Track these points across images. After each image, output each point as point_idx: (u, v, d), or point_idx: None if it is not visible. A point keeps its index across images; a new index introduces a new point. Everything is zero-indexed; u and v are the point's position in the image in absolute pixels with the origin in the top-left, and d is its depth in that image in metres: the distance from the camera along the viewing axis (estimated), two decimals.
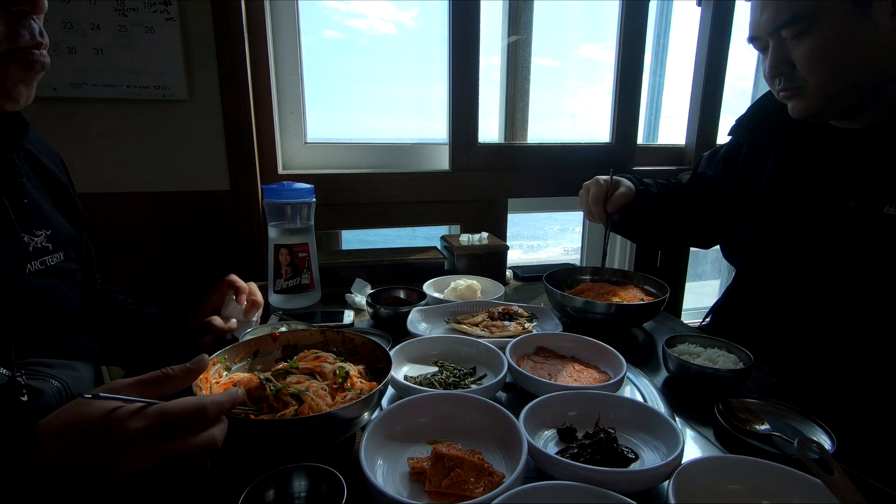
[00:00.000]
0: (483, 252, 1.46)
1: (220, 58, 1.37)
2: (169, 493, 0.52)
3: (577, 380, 0.84)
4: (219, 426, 0.54)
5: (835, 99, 0.92)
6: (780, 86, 0.97)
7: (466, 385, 0.82)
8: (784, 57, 0.93)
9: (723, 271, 2.57)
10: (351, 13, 2.01)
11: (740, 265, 1.22)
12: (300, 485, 0.58)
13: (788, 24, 0.89)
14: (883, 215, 0.88)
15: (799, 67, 0.91)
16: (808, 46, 0.88)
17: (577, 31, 2.12)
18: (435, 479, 0.59)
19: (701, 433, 0.76)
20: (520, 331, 1.01)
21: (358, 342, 0.84)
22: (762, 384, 0.87)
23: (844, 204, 0.94)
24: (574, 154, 1.84)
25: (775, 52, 0.93)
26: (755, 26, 0.95)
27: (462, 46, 1.60)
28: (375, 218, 1.69)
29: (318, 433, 0.63)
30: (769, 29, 0.92)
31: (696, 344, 0.94)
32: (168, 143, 1.39)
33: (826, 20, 0.86)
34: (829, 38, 0.87)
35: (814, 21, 0.87)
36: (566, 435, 0.69)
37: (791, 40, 0.90)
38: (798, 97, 0.95)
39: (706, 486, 0.58)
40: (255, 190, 1.47)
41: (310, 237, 1.24)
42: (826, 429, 0.72)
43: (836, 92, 0.91)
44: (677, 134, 2.06)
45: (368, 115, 2.09)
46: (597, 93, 2.14)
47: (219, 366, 0.76)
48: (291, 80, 1.60)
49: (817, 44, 0.87)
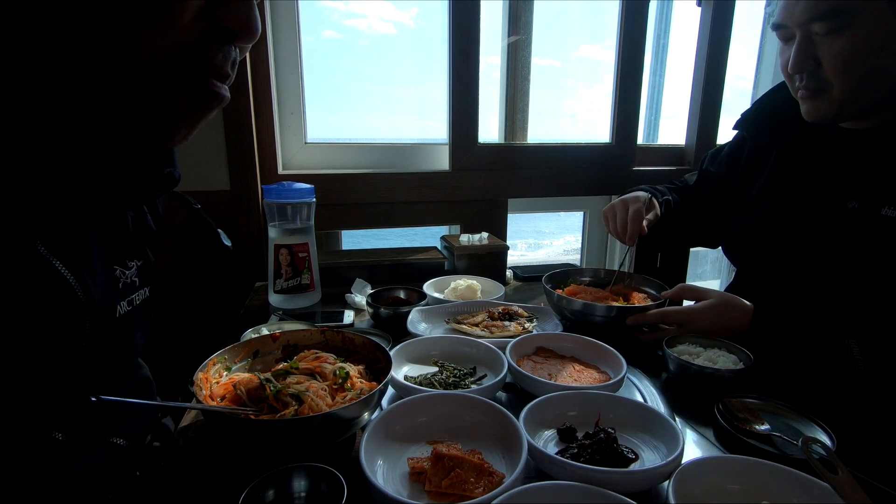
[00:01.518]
0: (483, 252, 1.46)
1: None
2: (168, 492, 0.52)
3: (577, 380, 0.84)
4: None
5: (852, 105, 0.89)
6: (800, 83, 0.91)
7: (466, 385, 0.82)
8: (811, 52, 0.87)
9: (723, 271, 2.57)
10: (350, 13, 2.01)
11: (739, 261, 1.22)
12: (300, 485, 0.58)
13: (825, 18, 0.82)
14: (882, 217, 0.88)
15: (825, 66, 0.86)
16: (840, 45, 0.83)
17: (577, 31, 2.12)
18: (435, 479, 0.59)
19: (701, 433, 0.76)
20: (520, 331, 1.01)
21: (358, 342, 0.84)
22: (762, 384, 0.87)
23: (843, 204, 0.94)
24: (574, 154, 1.84)
25: (802, 45, 0.87)
26: (787, 13, 0.88)
27: (462, 46, 1.60)
28: (375, 218, 1.69)
29: (318, 433, 0.63)
30: (802, 19, 0.85)
31: (696, 344, 0.94)
32: None
33: (865, 19, 0.81)
34: (864, 39, 0.81)
35: (851, 18, 0.81)
36: (566, 435, 0.69)
37: (822, 36, 0.84)
38: (817, 100, 0.91)
39: (706, 486, 0.58)
40: (255, 190, 1.47)
41: (310, 237, 1.24)
42: (826, 429, 0.72)
43: (857, 99, 0.88)
44: (677, 134, 2.06)
45: (368, 116, 2.10)
46: (597, 93, 2.14)
47: (219, 366, 0.76)
48: (291, 80, 1.60)
49: (850, 44, 0.82)
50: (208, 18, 0.45)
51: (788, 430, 0.73)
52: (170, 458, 0.67)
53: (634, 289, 1.21)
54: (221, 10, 0.45)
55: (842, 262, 0.94)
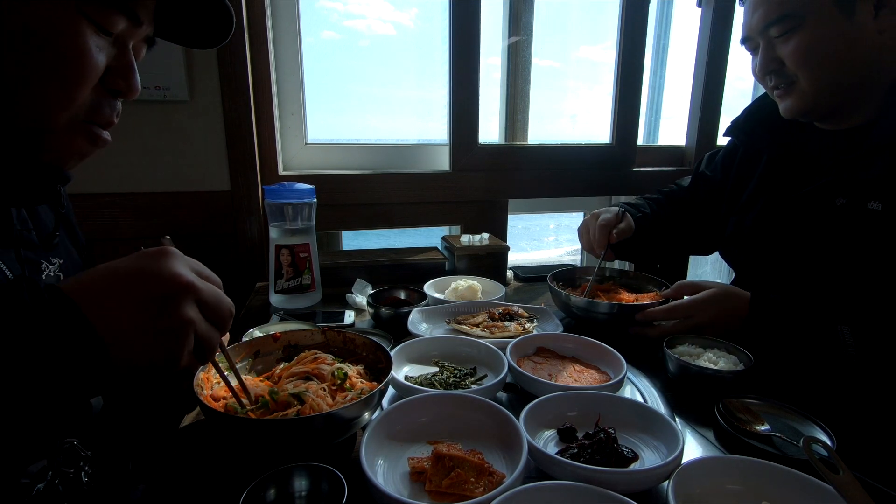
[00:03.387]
0: (483, 253, 1.46)
1: (221, 58, 1.37)
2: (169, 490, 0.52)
3: (578, 380, 0.84)
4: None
5: (823, 97, 0.95)
6: (772, 83, 1.00)
7: (467, 385, 0.82)
8: (773, 55, 0.96)
9: (723, 273, 2.57)
10: (349, 14, 2.02)
11: (736, 263, 1.24)
12: (301, 484, 0.58)
13: (777, 23, 0.92)
14: (869, 211, 0.91)
15: (788, 63, 0.94)
16: (794, 45, 0.92)
17: (577, 31, 2.13)
18: (435, 478, 0.59)
19: (701, 433, 0.76)
20: (520, 331, 1.01)
21: (359, 342, 0.84)
22: (762, 384, 0.87)
23: (832, 201, 0.97)
24: (574, 155, 1.84)
25: (765, 50, 0.97)
26: (747, 27, 0.99)
27: (462, 47, 1.60)
28: (376, 218, 1.69)
29: (319, 433, 0.63)
30: (759, 28, 0.95)
31: (697, 344, 0.94)
32: (168, 144, 1.40)
33: (812, 20, 0.89)
34: (815, 38, 0.90)
35: (800, 21, 0.90)
36: (566, 435, 0.69)
37: (779, 38, 0.93)
38: (791, 94, 0.98)
39: (706, 486, 0.58)
40: (255, 190, 1.47)
41: (311, 237, 1.25)
42: (826, 429, 0.72)
43: (825, 90, 0.94)
44: (677, 134, 2.06)
45: (369, 116, 2.10)
46: (597, 93, 2.14)
47: (220, 365, 0.76)
48: (292, 81, 1.60)
49: (803, 43, 0.91)
50: (101, 83, 0.57)
51: (788, 431, 0.73)
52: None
53: (625, 288, 1.23)
54: (115, 79, 0.59)
55: (834, 256, 0.97)
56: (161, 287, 0.47)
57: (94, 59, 0.54)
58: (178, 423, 0.77)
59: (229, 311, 0.55)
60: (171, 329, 0.48)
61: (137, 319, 0.46)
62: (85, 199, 1.36)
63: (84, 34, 0.53)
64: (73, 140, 0.59)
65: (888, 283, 0.89)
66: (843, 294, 0.95)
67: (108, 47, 0.57)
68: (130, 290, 0.47)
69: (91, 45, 0.53)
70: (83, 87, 0.55)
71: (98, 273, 0.48)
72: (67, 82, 0.54)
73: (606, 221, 1.22)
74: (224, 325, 0.55)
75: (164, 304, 0.47)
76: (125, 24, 0.57)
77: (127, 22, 0.57)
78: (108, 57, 0.57)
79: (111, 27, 0.55)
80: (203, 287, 0.51)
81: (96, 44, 0.54)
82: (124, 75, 0.59)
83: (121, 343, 0.45)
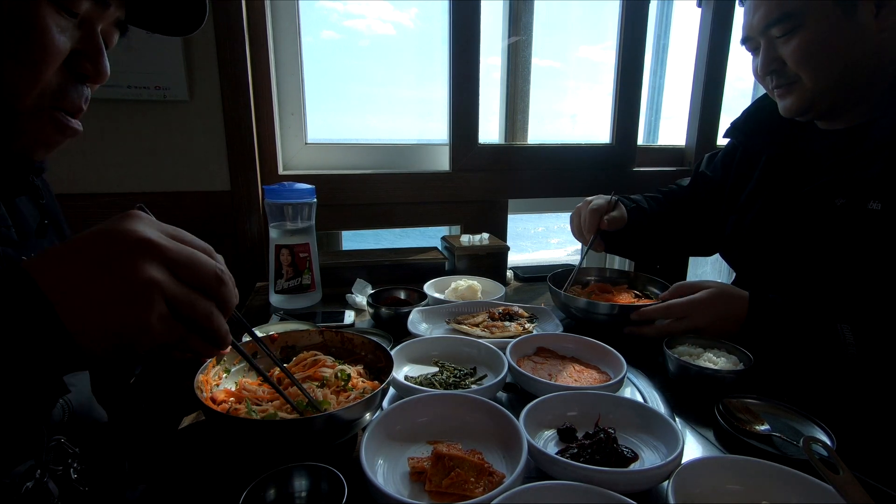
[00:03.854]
0: (483, 253, 1.46)
1: (221, 58, 1.37)
2: (168, 489, 0.52)
3: (578, 380, 0.84)
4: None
5: (824, 96, 0.95)
6: (773, 83, 1.00)
7: (467, 385, 0.82)
8: (774, 54, 0.96)
9: (723, 273, 2.57)
10: (349, 14, 2.02)
11: (736, 263, 1.23)
12: (301, 484, 0.58)
13: (778, 23, 0.92)
14: (869, 210, 0.91)
15: (789, 63, 0.94)
16: (795, 44, 0.92)
17: (577, 31, 2.13)
18: (435, 478, 0.59)
19: (701, 433, 0.76)
20: (520, 331, 1.01)
21: (357, 342, 0.84)
22: (762, 384, 0.87)
23: (832, 201, 0.96)
24: (574, 155, 1.84)
25: (766, 50, 0.97)
26: (748, 27, 0.99)
27: (462, 47, 1.60)
28: (376, 218, 1.69)
29: (320, 434, 0.63)
30: (760, 27, 0.95)
31: (697, 345, 0.94)
32: (168, 144, 1.39)
33: (813, 20, 0.89)
34: (816, 37, 0.90)
35: (801, 20, 0.90)
36: (566, 435, 0.69)
37: (780, 38, 0.93)
38: (791, 93, 0.98)
39: (706, 486, 0.58)
40: (255, 190, 1.47)
41: (311, 237, 1.25)
42: (826, 429, 0.72)
43: (826, 89, 0.94)
44: (677, 134, 2.06)
45: (369, 116, 2.10)
46: (597, 93, 2.15)
47: (218, 367, 0.76)
48: (292, 81, 1.60)
49: (804, 42, 0.91)
50: (68, 67, 0.57)
51: (788, 431, 0.73)
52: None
53: (614, 287, 1.24)
54: (82, 62, 0.57)
55: (834, 256, 0.97)
56: (116, 245, 0.44)
57: (56, 39, 0.53)
58: (178, 425, 0.77)
59: (213, 273, 0.49)
60: (132, 291, 0.43)
61: (92, 282, 0.42)
62: (85, 199, 1.35)
63: (44, 13, 0.52)
64: (40, 127, 0.58)
65: (888, 282, 0.89)
66: (843, 294, 0.95)
67: (73, 29, 0.56)
68: (84, 252, 0.43)
69: (51, 24, 0.53)
70: (46, 67, 0.54)
71: (62, 243, 0.45)
72: (28, 62, 0.53)
73: (598, 206, 1.22)
74: (210, 288, 0.49)
75: (119, 264, 0.43)
76: (89, 4, 0.56)
77: (91, 2, 0.56)
78: (73, 39, 0.56)
79: (74, 6, 0.54)
80: (169, 245, 0.46)
81: (58, 24, 0.53)
82: (92, 58, 0.58)
83: (76, 309, 0.42)
